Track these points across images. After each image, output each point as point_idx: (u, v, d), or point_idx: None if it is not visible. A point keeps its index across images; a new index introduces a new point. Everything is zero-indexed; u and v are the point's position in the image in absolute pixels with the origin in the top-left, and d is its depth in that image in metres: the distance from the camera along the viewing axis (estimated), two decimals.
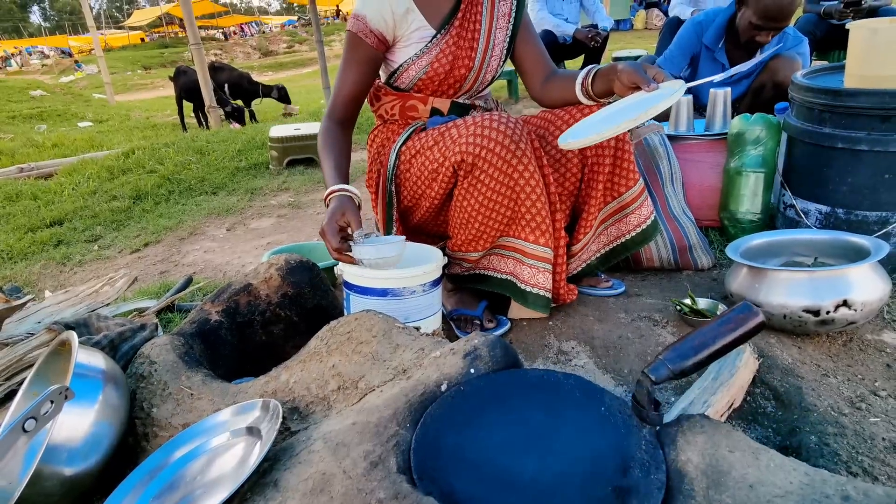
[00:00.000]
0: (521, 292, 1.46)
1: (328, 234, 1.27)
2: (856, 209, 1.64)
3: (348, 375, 0.99)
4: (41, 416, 0.80)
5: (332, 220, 1.28)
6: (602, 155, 1.49)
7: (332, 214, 1.28)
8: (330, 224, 1.27)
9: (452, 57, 1.47)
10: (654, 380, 0.76)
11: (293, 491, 0.74)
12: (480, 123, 1.31)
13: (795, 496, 0.67)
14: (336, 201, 1.30)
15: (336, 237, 1.26)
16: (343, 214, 1.28)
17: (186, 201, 3.39)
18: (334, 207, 1.29)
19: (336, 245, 1.26)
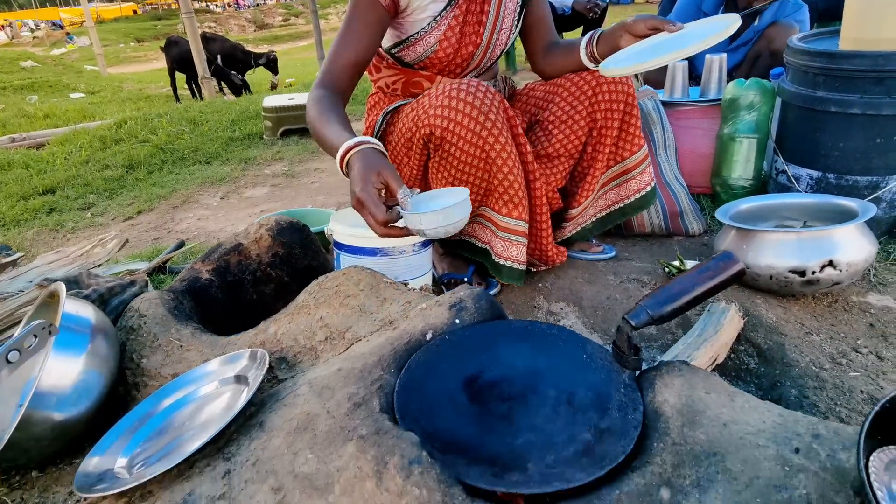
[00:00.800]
0: (494, 264, 1.45)
1: (369, 203, 0.94)
2: (847, 174, 1.64)
3: (335, 327, 1.00)
4: (24, 349, 0.80)
5: (366, 183, 0.95)
6: (611, 118, 1.45)
7: (363, 176, 0.95)
8: (366, 189, 0.94)
9: (460, 34, 1.39)
10: (634, 325, 0.77)
11: (278, 430, 0.75)
12: (448, 94, 1.25)
13: (767, 434, 0.69)
14: (362, 158, 0.99)
15: (381, 206, 0.95)
16: (378, 173, 0.96)
17: (180, 171, 3.37)
18: (363, 167, 0.97)
19: (383, 216, 0.94)
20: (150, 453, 0.86)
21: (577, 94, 1.45)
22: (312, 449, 0.70)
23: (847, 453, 0.65)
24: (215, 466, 0.74)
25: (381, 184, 0.97)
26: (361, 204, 0.96)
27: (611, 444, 0.69)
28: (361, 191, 0.94)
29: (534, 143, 1.50)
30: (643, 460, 0.66)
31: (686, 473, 0.63)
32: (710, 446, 0.66)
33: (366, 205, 0.95)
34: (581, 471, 0.65)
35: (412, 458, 0.63)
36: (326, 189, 2.89)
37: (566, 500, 0.62)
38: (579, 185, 1.55)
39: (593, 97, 1.43)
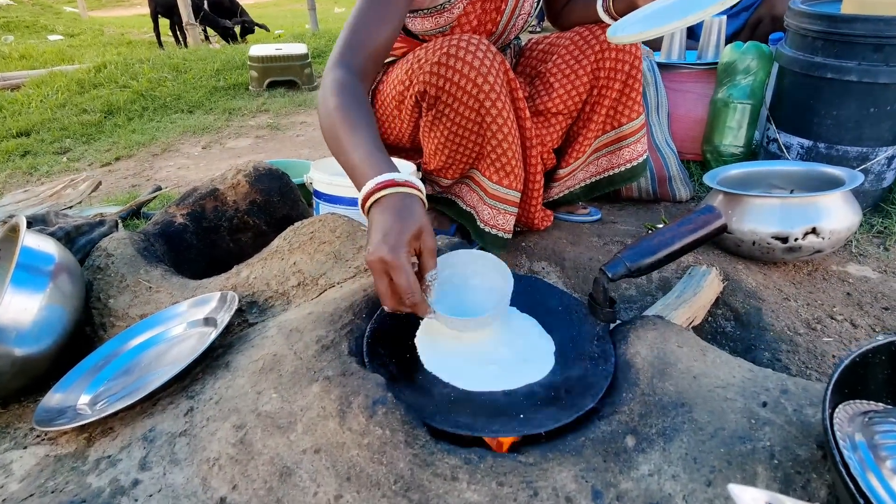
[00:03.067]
0: (479, 230, 1.41)
1: (400, 274, 0.67)
2: (838, 144, 1.62)
3: (309, 273, 0.98)
4: None
5: (400, 245, 0.68)
6: (613, 79, 1.39)
7: (398, 235, 0.68)
8: (400, 254, 0.67)
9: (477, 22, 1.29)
10: (611, 276, 0.76)
11: (243, 370, 0.74)
12: (446, 50, 1.16)
13: (736, 388, 0.68)
14: (397, 207, 0.71)
15: (415, 281, 0.69)
16: (418, 235, 0.71)
17: (161, 118, 3.26)
18: (398, 220, 0.70)
19: (417, 297, 0.69)
20: (114, 391, 0.84)
21: (583, 48, 1.39)
22: (277, 389, 0.68)
23: (814, 409, 0.65)
24: (178, 404, 0.73)
25: (414, 251, 0.71)
26: (388, 269, 0.67)
27: (580, 393, 0.69)
28: (392, 254, 0.66)
29: (532, 98, 1.45)
30: (611, 409, 0.66)
31: (653, 423, 0.63)
32: (678, 397, 0.66)
33: (396, 273, 0.67)
34: (548, 417, 0.64)
35: (377, 399, 0.61)
36: (312, 143, 2.82)
37: (532, 446, 0.62)
38: (571, 144, 1.51)
39: (600, 53, 1.37)
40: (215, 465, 0.62)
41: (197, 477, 0.62)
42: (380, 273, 0.68)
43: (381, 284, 0.69)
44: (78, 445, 0.72)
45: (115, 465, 0.66)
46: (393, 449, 0.58)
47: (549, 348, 0.77)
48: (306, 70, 3.86)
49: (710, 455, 0.60)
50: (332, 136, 0.84)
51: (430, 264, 0.73)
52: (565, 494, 0.55)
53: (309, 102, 3.52)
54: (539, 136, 1.45)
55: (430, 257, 0.73)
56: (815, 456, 0.60)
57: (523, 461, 0.58)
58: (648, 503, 0.55)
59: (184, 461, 0.64)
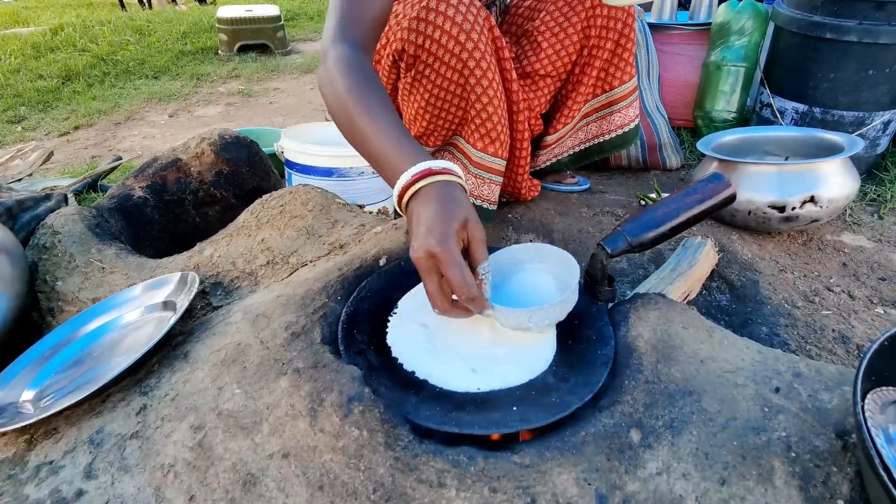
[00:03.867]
0: None
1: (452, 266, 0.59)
2: (833, 108, 1.56)
3: (279, 250, 0.89)
4: None
5: (448, 236, 0.60)
6: (605, 38, 1.30)
7: (445, 225, 0.61)
8: (450, 245, 0.60)
9: None
10: (610, 252, 0.69)
11: (203, 362, 0.66)
12: (426, 4, 1.06)
13: (746, 372, 0.63)
14: (441, 196, 0.63)
15: (469, 273, 0.61)
16: (465, 224, 0.63)
17: (124, 84, 3.07)
18: (443, 210, 0.62)
19: (473, 290, 0.60)
20: (61, 385, 0.76)
21: (573, 5, 1.29)
22: (241, 383, 0.61)
23: (829, 394, 0.60)
24: (130, 401, 0.65)
25: (462, 242, 0.63)
26: (437, 263, 0.60)
27: (578, 381, 0.62)
28: (442, 245, 0.59)
29: (518, 59, 1.36)
30: (612, 399, 0.60)
31: (659, 414, 0.57)
32: (685, 384, 0.60)
33: (447, 267, 0.59)
34: (543, 410, 0.58)
35: (352, 395, 0.54)
36: (286, 110, 2.68)
37: (527, 442, 0.56)
38: (559, 109, 1.43)
39: (591, 10, 1.28)
40: (170, 473, 0.55)
41: (149, 486, 0.54)
42: (428, 270, 0.61)
43: (430, 283, 0.61)
44: (17, 449, 0.64)
45: (58, 473, 0.58)
46: (371, 452, 0.51)
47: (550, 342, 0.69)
48: (279, 33, 3.66)
49: (722, 449, 0.54)
50: (347, 123, 0.73)
51: (481, 255, 0.64)
52: (566, 501, 0.49)
53: (282, 68, 3.35)
54: (526, 99, 1.36)
55: (480, 248, 0.64)
56: (834, 447, 0.55)
57: (518, 462, 0.52)
58: None
59: (135, 468, 0.57)
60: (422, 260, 0.60)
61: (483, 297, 0.62)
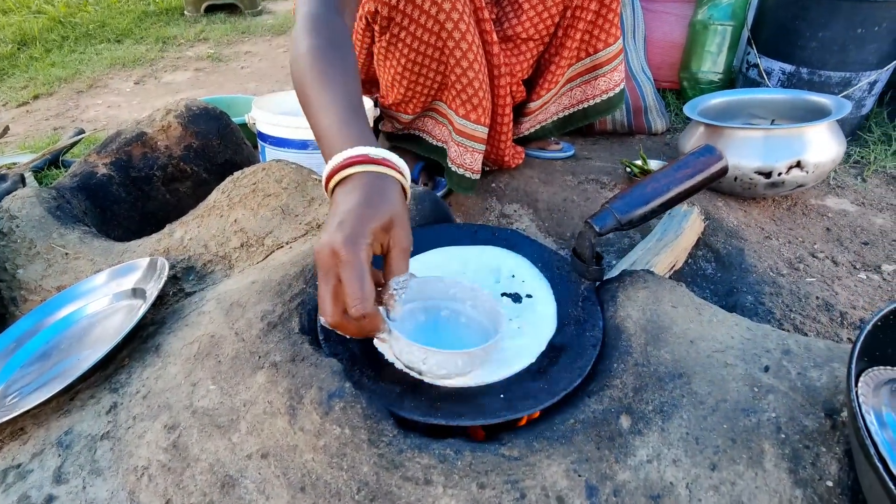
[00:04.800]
0: (447, 168, 1.29)
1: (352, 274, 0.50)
2: (821, 69, 1.53)
3: (253, 231, 0.85)
4: None
5: (361, 237, 0.51)
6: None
7: (360, 224, 0.51)
8: (358, 249, 0.50)
9: None
10: (599, 230, 0.66)
11: (175, 356, 0.63)
12: None
13: (736, 351, 0.62)
14: (369, 191, 0.55)
15: (371, 286, 0.50)
16: (388, 227, 0.54)
17: (85, 49, 2.91)
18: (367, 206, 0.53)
19: (368, 307, 0.50)
20: (28, 381, 0.72)
21: None
22: (215, 379, 0.58)
23: (818, 371, 0.59)
24: (100, 399, 0.62)
25: (381, 247, 0.55)
26: (338, 265, 0.50)
27: (566, 365, 0.61)
28: (347, 246, 0.49)
29: (499, 21, 1.29)
30: (601, 383, 0.58)
31: (649, 398, 0.56)
32: (675, 367, 0.59)
33: (345, 270, 0.49)
34: (531, 397, 0.57)
35: (332, 391, 0.52)
36: (258, 75, 2.57)
37: (514, 432, 0.54)
38: (542, 74, 1.37)
39: None
40: (144, 476, 0.52)
41: (123, 490, 0.52)
42: (326, 270, 0.50)
43: (324, 286, 0.50)
44: None
45: (26, 478, 0.56)
46: (354, 450, 0.49)
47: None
48: None
49: (712, 433, 0.53)
50: (300, 90, 0.66)
51: (399, 267, 0.54)
52: (556, 494, 0.47)
53: (253, 29, 3.20)
54: (508, 64, 1.30)
55: (401, 258, 0.54)
56: (823, 426, 0.54)
57: (507, 455, 0.50)
58: (649, 496, 0.48)
59: (107, 470, 0.54)
60: (321, 257, 0.50)
61: (379, 316, 0.52)
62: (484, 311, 0.63)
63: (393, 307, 0.54)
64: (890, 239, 1.23)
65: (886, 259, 1.16)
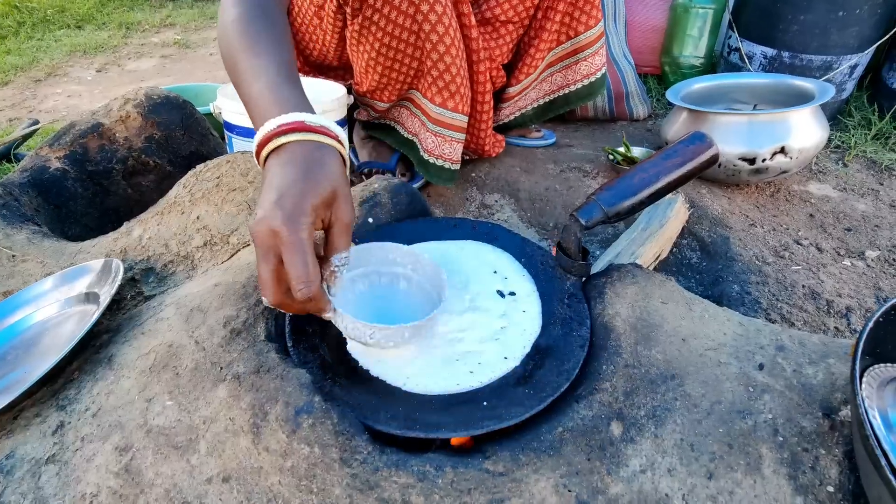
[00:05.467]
0: (422, 160, 1.23)
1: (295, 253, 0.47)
2: (802, 52, 1.51)
3: (217, 229, 0.79)
4: None
5: (300, 215, 0.48)
6: None
7: (299, 200, 0.49)
8: (299, 227, 0.48)
9: None
10: (585, 224, 0.63)
11: (129, 368, 0.58)
12: None
13: (729, 348, 0.59)
14: (305, 161, 0.51)
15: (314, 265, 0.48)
16: (329, 203, 0.51)
17: (42, 35, 2.77)
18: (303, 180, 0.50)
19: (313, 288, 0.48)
20: None
21: None
22: (172, 394, 0.53)
23: (814, 368, 0.57)
24: (46, 418, 0.56)
25: (322, 223, 0.52)
26: (278, 242, 0.47)
27: (552, 368, 0.57)
28: (289, 224, 0.47)
29: (477, 3, 1.24)
30: (590, 387, 0.55)
31: (640, 402, 0.53)
32: (667, 367, 0.56)
33: (288, 252, 0.47)
34: (517, 404, 0.53)
35: (300, 407, 0.48)
36: None
37: (500, 442, 0.51)
38: (522, 58, 1.32)
39: None
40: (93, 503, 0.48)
41: None
42: (266, 251, 0.47)
43: (264, 266, 0.48)
44: None
45: None
46: (325, 471, 0.45)
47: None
48: None
49: (708, 438, 0.50)
50: (229, 60, 0.62)
51: (340, 243, 0.53)
52: None
53: None
54: (487, 48, 1.25)
55: (344, 234, 0.52)
56: (821, 427, 0.52)
57: (491, 470, 0.47)
58: None
59: (52, 498, 0.49)
60: (260, 235, 0.47)
61: (324, 297, 0.50)
62: (426, 275, 0.63)
63: (334, 283, 0.53)
64: (872, 224, 1.22)
65: (870, 245, 1.15)
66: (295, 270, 0.47)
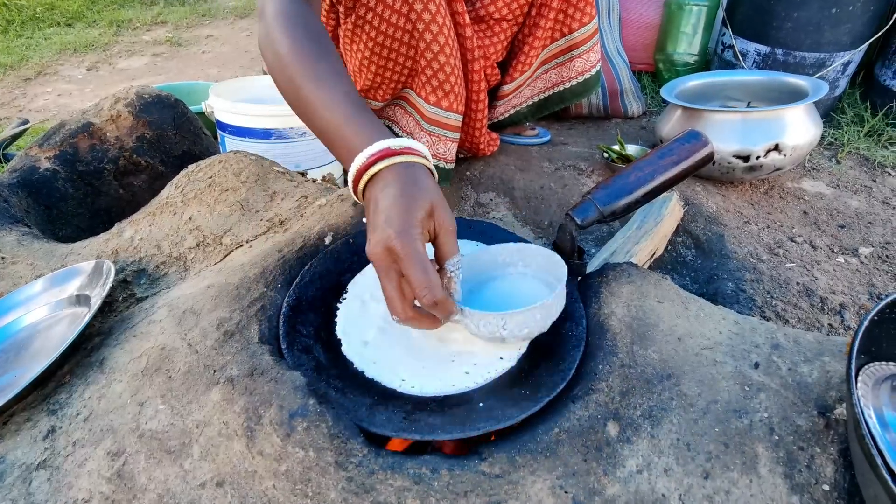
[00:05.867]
0: None
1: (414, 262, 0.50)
2: (796, 50, 1.52)
3: (209, 230, 0.79)
4: None
5: (411, 226, 0.51)
6: None
7: (407, 213, 0.51)
8: (412, 237, 0.50)
9: None
10: (580, 223, 0.62)
11: (122, 372, 0.57)
12: None
13: (724, 347, 0.59)
14: (404, 180, 0.54)
15: (434, 271, 0.51)
16: (430, 214, 0.53)
17: (31, 34, 2.74)
18: (407, 197, 0.52)
19: (438, 293, 0.50)
20: None
21: None
22: (165, 397, 0.53)
23: (809, 366, 0.57)
24: (37, 422, 0.56)
25: (429, 234, 0.54)
26: (397, 259, 0.50)
27: (547, 368, 0.57)
28: (402, 238, 0.50)
29: (471, 1, 1.24)
30: (586, 387, 0.55)
31: (636, 402, 0.53)
32: (663, 367, 0.56)
33: (408, 264, 0.50)
34: (513, 405, 0.53)
35: (294, 410, 0.47)
36: (221, 60, 2.45)
37: (496, 443, 0.50)
38: (516, 55, 1.32)
39: None
40: None
41: None
42: (387, 269, 0.51)
43: (388, 285, 0.51)
44: None
45: None
46: (320, 475, 0.45)
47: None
48: None
49: (704, 438, 0.50)
50: (293, 93, 0.63)
51: (451, 248, 0.55)
52: None
53: (215, 12, 3.06)
54: (481, 46, 1.25)
55: (451, 239, 0.54)
56: (816, 425, 0.52)
57: (487, 472, 0.46)
58: None
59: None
60: (379, 256, 0.51)
61: (450, 299, 0.53)
62: (537, 266, 0.63)
63: (454, 289, 0.55)
64: (865, 221, 1.22)
65: (863, 242, 1.15)
66: (417, 279, 0.50)
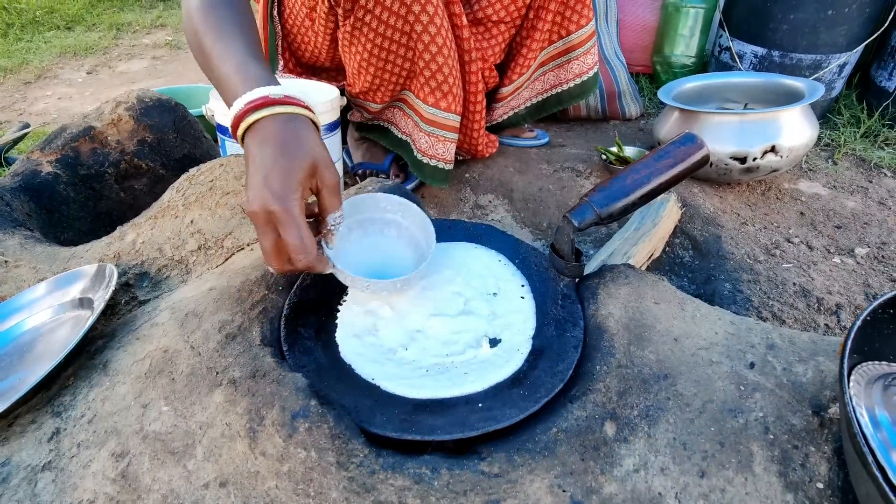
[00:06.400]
0: (417, 161, 1.23)
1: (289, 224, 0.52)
2: (792, 51, 1.53)
3: (211, 233, 0.79)
4: None
5: (290, 186, 0.53)
6: None
7: (283, 175, 0.53)
8: (290, 199, 0.52)
9: None
10: (578, 225, 0.63)
11: (125, 374, 0.58)
12: None
13: (720, 347, 0.60)
14: (282, 134, 0.55)
15: (309, 232, 0.54)
16: (312, 172, 0.55)
17: (32, 37, 2.74)
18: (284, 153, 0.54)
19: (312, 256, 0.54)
20: None
21: None
22: (169, 399, 0.53)
23: (804, 366, 0.58)
24: (41, 424, 0.56)
25: (311, 190, 0.56)
26: (274, 221, 0.53)
27: (546, 369, 0.58)
28: (279, 202, 0.51)
29: (469, 3, 1.24)
30: (584, 388, 0.56)
31: (633, 402, 0.54)
32: (660, 367, 0.57)
33: (284, 228, 0.52)
34: (511, 406, 0.53)
35: (296, 411, 0.48)
36: None
37: (495, 443, 0.51)
38: (514, 58, 1.33)
39: None
40: None
41: None
42: (264, 227, 0.54)
43: (265, 240, 0.55)
44: None
45: None
46: (322, 475, 0.45)
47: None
48: None
49: (700, 437, 0.51)
50: (196, 45, 0.67)
51: (332, 203, 0.59)
52: None
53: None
54: (479, 49, 1.26)
55: (333, 195, 0.59)
56: (810, 424, 0.52)
57: (486, 471, 0.47)
58: None
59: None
60: (256, 215, 0.53)
61: (322, 261, 0.57)
62: (415, 222, 0.70)
63: (331, 240, 0.60)
64: (862, 222, 1.23)
65: (859, 242, 1.16)
66: (293, 244, 0.53)
